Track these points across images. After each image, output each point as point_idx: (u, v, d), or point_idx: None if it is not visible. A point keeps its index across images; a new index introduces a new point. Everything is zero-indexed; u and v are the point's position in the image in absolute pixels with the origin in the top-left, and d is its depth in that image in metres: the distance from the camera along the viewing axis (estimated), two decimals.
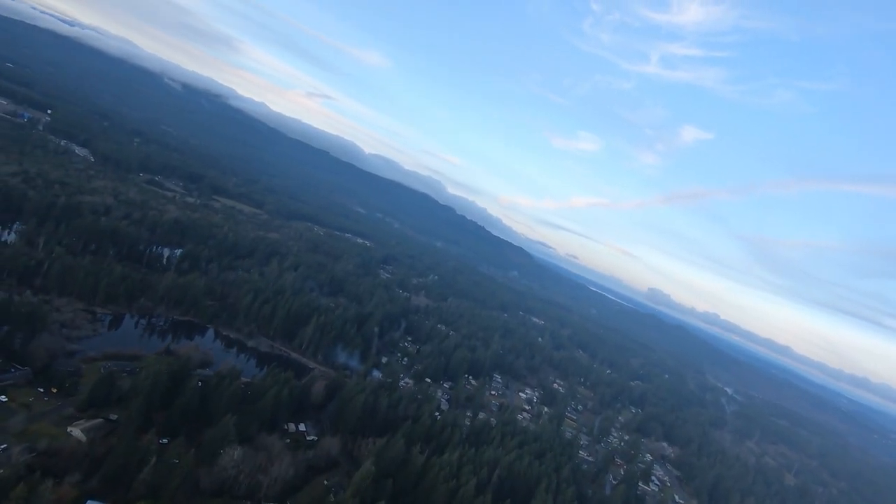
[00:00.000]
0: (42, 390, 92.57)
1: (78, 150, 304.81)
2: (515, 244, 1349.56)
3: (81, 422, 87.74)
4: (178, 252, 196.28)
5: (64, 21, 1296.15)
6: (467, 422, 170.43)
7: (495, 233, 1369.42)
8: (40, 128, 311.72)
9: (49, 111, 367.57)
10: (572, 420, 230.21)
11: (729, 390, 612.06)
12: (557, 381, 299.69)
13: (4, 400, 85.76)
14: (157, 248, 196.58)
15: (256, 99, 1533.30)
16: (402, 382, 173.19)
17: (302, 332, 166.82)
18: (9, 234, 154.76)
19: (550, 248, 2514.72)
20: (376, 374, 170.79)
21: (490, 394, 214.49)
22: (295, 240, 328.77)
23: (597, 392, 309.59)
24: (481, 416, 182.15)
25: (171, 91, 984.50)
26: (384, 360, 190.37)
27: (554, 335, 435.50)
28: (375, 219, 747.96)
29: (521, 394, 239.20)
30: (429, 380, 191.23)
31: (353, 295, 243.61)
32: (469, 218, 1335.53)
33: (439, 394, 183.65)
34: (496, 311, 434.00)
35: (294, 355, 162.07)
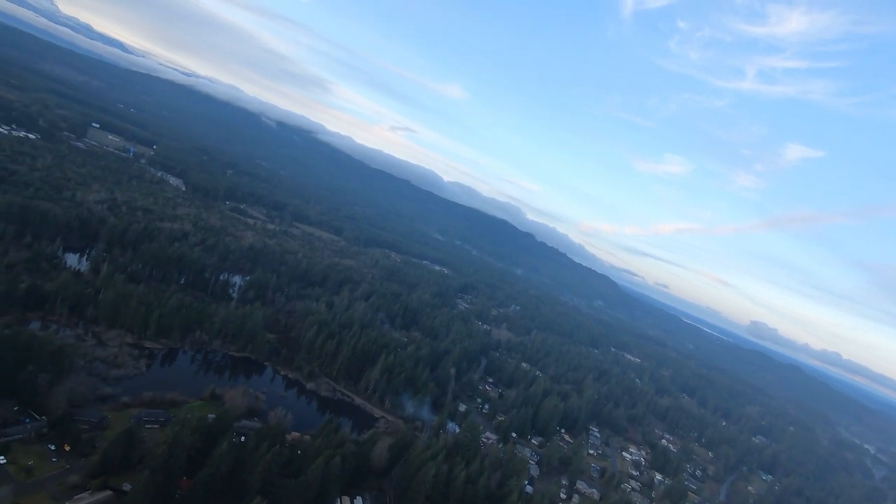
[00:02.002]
0: (53, 447, 77.14)
1: (172, 180, 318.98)
2: (599, 272, 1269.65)
3: (85, 495, 70.08)
4: (246, 280, 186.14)
5: (183, 73, 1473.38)
6: (563, 493, 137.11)
7: (577, 260, 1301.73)
8: (142, 161, 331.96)
9: (154, 147, 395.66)
10: (693, 493, 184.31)
11: (870, 448, 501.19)
12: (665, 435, 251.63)
13: (2, 462, 70.45)
14: (226, 275, 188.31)
15: (343, 133, 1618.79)
16: (482, 436, 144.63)
17: (368, 373, 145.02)
18: (83, 259, 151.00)
19: (637, 276, 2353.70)
20: (452, 426, 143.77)
21: (588, 454, 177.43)
22: (370, 267, 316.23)
23: (716, 452, 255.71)
24: (580, 486, 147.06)
25: (267, 128, 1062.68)
26: (461, 407, 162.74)
27: (653, 376, 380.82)
28: (454, 245, 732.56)
29: (624, 454, 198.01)
30: (515, 434, 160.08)
31: (428, 328, 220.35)
32: (549, 245, 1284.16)
33: (528, 454, 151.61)
34: (585, 346, 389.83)
35: (358, 401, 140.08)
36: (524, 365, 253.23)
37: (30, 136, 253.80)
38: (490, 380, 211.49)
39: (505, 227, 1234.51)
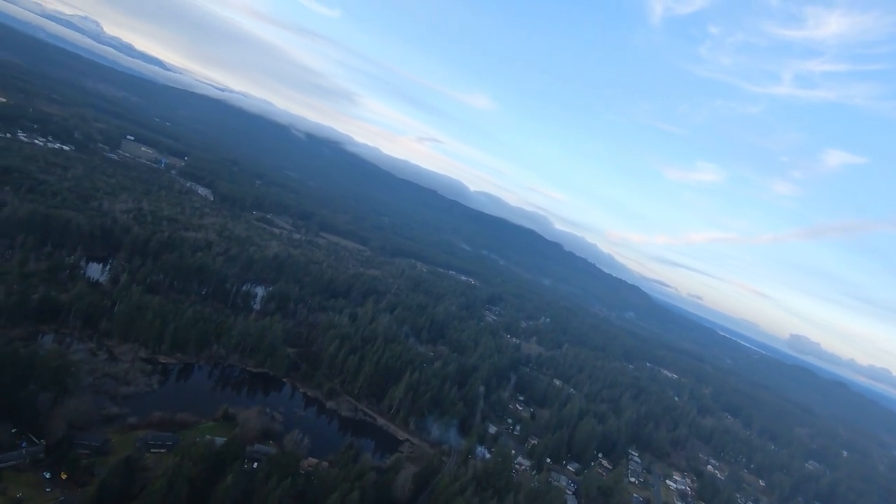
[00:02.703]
0: (49, 475, 70.87)
1: (201, 190, 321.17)
2: (630, 283, 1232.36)
3: None
4: (268, 290, 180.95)
5: (218, 88, 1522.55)
6: None
7: (607, 270, 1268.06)
8: (173, 172, 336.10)
9: (185, 158, 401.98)
10: None
11: None
12: (711, 461, 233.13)
13: None
14: (249, 286, 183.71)
15: (371, 144, 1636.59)
16: (515, 462, 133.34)
17: (392, 392, 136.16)
18: (106, 270, 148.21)
19: (669, 287, 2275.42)
20: (482, 451, 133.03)
21: (629, 482, 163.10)
22: (396, 277, 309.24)
23: (768, 480, 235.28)
24: None
25: (296, 140, 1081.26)
26: (491, 429, 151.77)
27: (693, 394, 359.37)
28: (480, 256, 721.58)
29: (668, 482, 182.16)
30: (549, 460, 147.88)
31: (455, 342, 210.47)
32: (578, 254, 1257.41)
33: (564, 482, 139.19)
34: (619, 361, 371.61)
35: (381, 421, 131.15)
36: (556, 382, 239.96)
37: (64, 147, 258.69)
38: (521, 398, 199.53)
39: (532, 237, 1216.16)
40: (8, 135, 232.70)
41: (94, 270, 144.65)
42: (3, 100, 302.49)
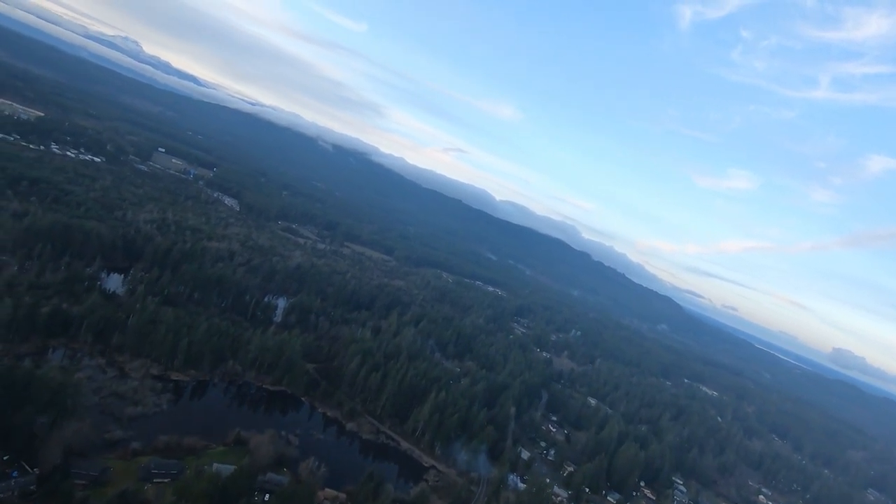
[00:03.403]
0: None
1: (228, 200, 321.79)
2: (661, 293, 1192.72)
3: None
4: (289, 302, 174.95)
5: (249, 102, 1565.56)
6: None
7: (637, 280, 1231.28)
8: (201, 183, 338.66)
9: (214, 169, 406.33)
10: None
11: None
12: (763, 490, 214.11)
13: None
14: (270, 297, 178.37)
15: (396, 155, 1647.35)
16: (551, 492, 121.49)
17: (416, 413, 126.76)
18: (125, 280, 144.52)
19: (702, 297, 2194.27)
20: (514, 480, 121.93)
21: None
22: (421, 288, 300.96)
23: None
24: None
25: (323, 152, 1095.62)
26: (523, 454, 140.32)
27: (737, 414, 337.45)
28: (507, 265, 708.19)
29: None
30: (588, 489, 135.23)
31: (483, 357, 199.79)
32: (607, 264, 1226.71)
33: None
34: (655, 377, 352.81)
35: (404, 445, 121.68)
36: (591, 400, 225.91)
37: (95, 159, 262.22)
38: (554, 418, 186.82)
39: (559, 247, 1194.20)
40: (41, 147, 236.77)
41: (114, 282, 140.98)
42: (41, 114, 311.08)
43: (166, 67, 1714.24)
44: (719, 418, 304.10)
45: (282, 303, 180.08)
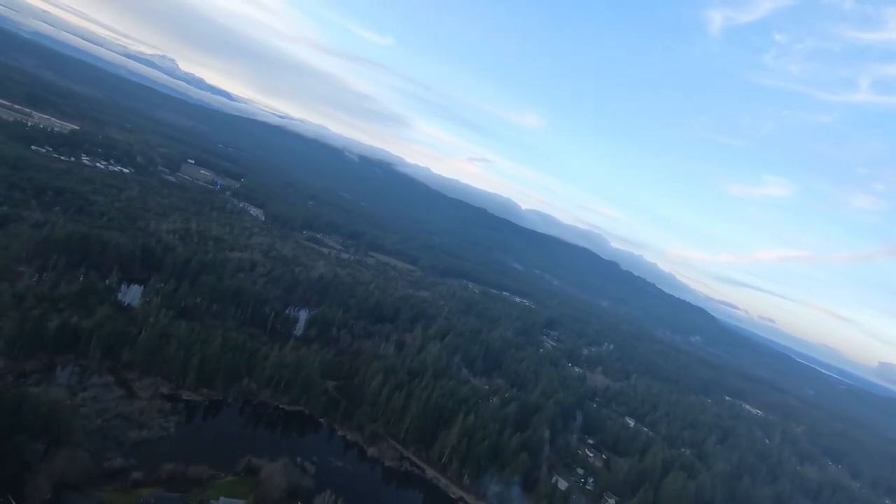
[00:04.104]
0: None
1: (253, 210, 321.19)
2: (694, 304, 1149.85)
3: None
4: (310, 314, 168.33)
5: (278, 115, 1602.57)
6: None
7: (668, 290, 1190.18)
8: (227, 193, 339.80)
9: (241, 180, 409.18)
10: None
11: None
12: None
13: None
14: (291, 309, 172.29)
15: (421, 165, 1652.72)
16: None
17: (443, 437, 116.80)
18: (145, 292, 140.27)
19: (737, 308, 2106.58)
20: None
21: None
22: (447, 299, 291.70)
23: None
24: None
25: (349, 162, 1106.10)
26: (559, 483, 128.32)
27: (786, 436, 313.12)
28: (533, 275, 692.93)
29: None
30: None
31: (513, 373, 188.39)
32: (636, 274, 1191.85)
33: None
34: (694, 394, 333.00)
35: (430, 473, 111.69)
36: (629, 421, 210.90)
37: (124, 170, 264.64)
38: (590, 441, 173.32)
39: (587, 256, 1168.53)
40: (72, 158, 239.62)
41: (132, 293, 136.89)
42: (76, 127, 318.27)
43: (200, 83, 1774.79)
44: (767, 441, 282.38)
45: (303, 315, 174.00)
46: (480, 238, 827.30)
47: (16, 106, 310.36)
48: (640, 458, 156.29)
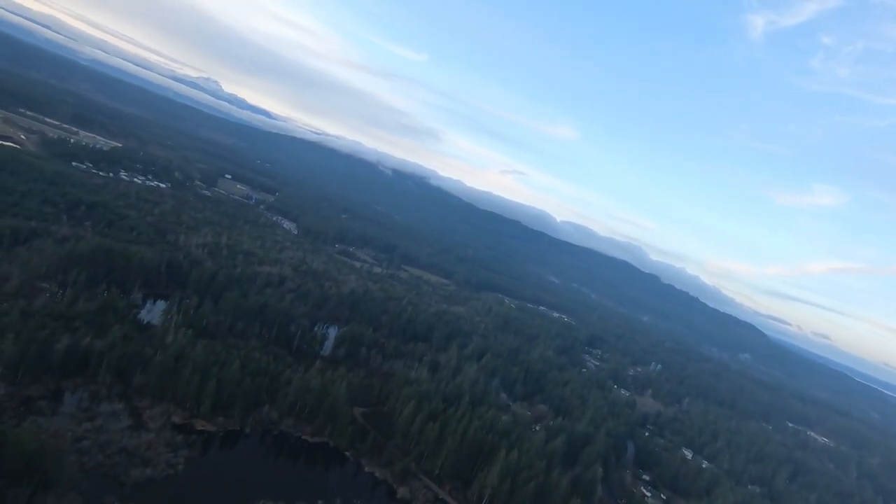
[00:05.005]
0: None
1: (286, 224, 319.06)
2: (742, 319, 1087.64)
3: None
4: (339, 332, 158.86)
5: (315, 132, 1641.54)
6: None
7: (713, 305, 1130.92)
8: (261, 207, 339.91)
9: (276, 194, 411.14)
10: None
11: None
12: None
13: None
14: (319, 326, 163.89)
15: (454, 178, 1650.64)
16: None
17: (482, 476, 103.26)
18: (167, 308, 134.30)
19: (788, 324, 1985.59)
20: None
21: None
22: (482, 315, 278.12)
23: None
24: None
25: (383, 176, 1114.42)
26: None
27: (861, 469, 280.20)
28: (571, 289, 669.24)
29: None
30: None
31: (557, 398, 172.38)
32: (678, 287, 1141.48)
33: None
34: (754, 419, 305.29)
35: None
36: (686, 452, 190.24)
37: (161, 185, 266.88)
38: (646, 477, 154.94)
39: (626, 269, 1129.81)
40: (110, 174, 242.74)
41: (154, 310, 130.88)
42: (118, 145, 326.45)
43: (242, 103, 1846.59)
44: (843, 476, 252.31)
45: (332, 332, 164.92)
46: (515, 251, 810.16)
47: (63, 125, 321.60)
48: (707, 498, 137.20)
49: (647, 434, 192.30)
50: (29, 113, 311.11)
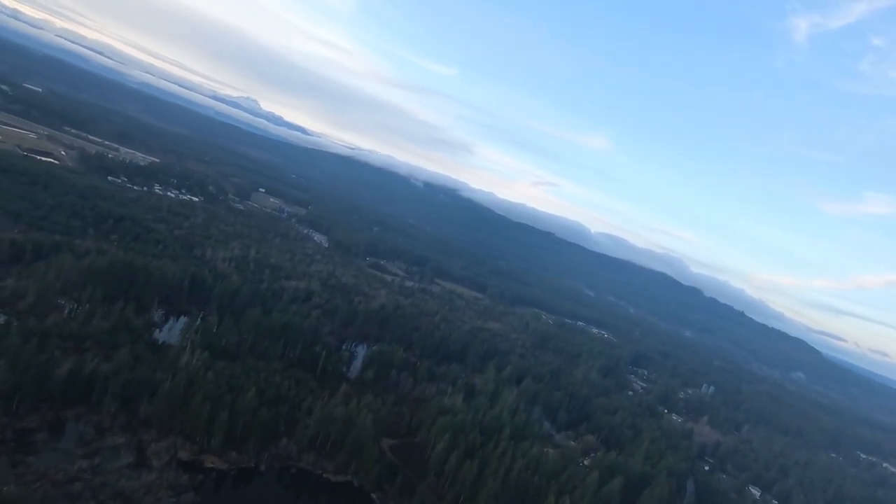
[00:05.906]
0: None
1: (317, 237, 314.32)
2: (791, 335, 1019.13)
3: None
4: (368, 352, 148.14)
5: (349, 147, 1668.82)
6: None
7: (759, 320, 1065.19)
8: (293, 220, 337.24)
9: (309, 207, 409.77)
10: None
11: None
12: None
13: None
14: (347, 344, 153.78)
15: (486, 189, 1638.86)
16: None
17: None
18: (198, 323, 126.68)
19: (842, 340, 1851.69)
20: None
21: None
22: (519, 331, 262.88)
23: None
24: None
25: (415, 189, 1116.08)
26: None
27: None
28: (608, 303, 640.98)
29: None
30: None
31: (605, 427, 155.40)
32: (721, 301, 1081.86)
33: None
34: (823, 450, 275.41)
35: None
36: (753, 491, 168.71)
37: (194, 198, 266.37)
38: None
39: (665, 281, 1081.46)
40: (144, 188, 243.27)
41: (175, 329, 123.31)
42: (156, 160, 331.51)
43: (279, 120, 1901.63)
44: None
45: (360, 351, 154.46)
46: (549, 263, 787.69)
47: (105, 142, 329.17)
48: None
49: (706, 469, 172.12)
50: (73, 131, 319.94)
